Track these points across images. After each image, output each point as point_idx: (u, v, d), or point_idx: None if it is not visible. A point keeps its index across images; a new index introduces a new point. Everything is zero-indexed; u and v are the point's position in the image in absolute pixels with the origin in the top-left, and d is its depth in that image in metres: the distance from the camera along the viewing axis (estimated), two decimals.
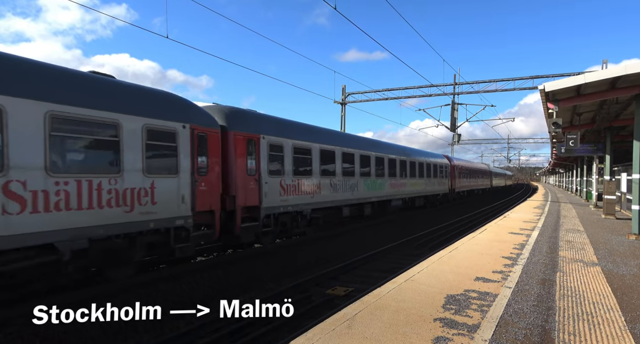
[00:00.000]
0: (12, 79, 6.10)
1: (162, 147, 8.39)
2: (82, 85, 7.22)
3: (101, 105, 7.18)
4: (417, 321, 4.41)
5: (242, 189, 10.42)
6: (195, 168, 8.97)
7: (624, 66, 9.38)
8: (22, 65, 6.45)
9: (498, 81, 27.40)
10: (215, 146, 9.59)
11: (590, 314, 4.74)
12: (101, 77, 7.81)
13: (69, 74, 7.21)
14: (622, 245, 9.57)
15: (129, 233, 7.70)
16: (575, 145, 14.77)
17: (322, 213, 14.37)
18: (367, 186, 18.08)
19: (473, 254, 8.18)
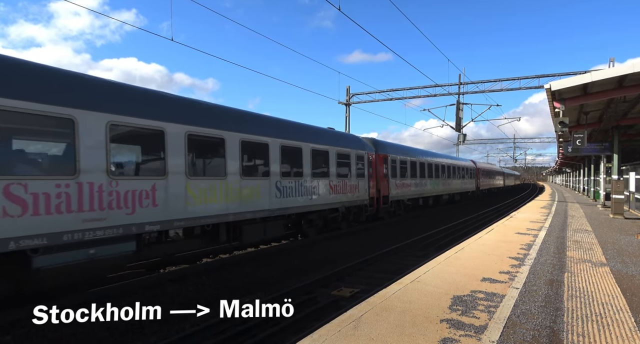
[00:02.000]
0: (81, 94, 7.08)
1: (353, 163, 16.11)
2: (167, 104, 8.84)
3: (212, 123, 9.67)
4: (424, 322, 4.38)
5: (382, 186, 18.49)
6: (368, 174, 17.05)
7: (631, 64, 9.29)
8: (89, 82, 7.55)
9: (503, 81, 27.25)
10: (374, 162, 17.79)
11: (600, 315, 4.68)
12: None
13: (143, 92, 8.61)
14: (631, 245, 9.46)
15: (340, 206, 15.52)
16: (582, 144, 14.64)
17: (411, 202, 22.83)
18: (431, 185, 28.55)
19: (479, 255, 8.12)
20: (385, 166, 18.78)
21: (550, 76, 25.24)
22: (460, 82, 28.57)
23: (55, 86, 6.77)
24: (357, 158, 16.32)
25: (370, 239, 15.15)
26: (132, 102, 7.94)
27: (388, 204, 18.89)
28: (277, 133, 11.87)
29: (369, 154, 17.22)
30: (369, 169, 17.01)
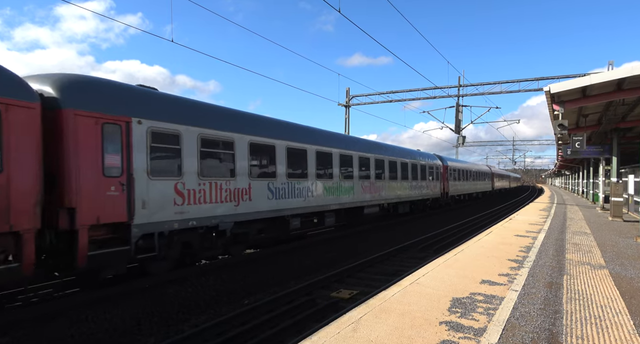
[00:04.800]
0: (183, 113, 9.10)
1: (434, 171, 25.85)
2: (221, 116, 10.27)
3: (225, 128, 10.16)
4: (423, 324, 4.38)
5: (445, 186, 27.65)
6: (440, 178, 26.50)
7: (630, 67, 9.33)
8: (189, 104, 9.69)
9: (503, 83, 27.30)
10: (443, 170, 27.47)
11: (598, 318, 4.69)
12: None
13: (215, 109, 10.41)
14: (630, 248, 9.47)
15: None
16: (582, 147, 14.66)
17: (459, 197, 33.52)
18: (468, 186, 35.97)
19: (479, 257, 8.13)
20: (447, 173, 28.87)
21: (550, 79, 25.30)
22: (459, 84, 28.63)
23: (181, 111, 9.13)
24: (436, 168, 26.76)
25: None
26: (214, 119, 9.90)
27: (448, 198, 29.44)
28: (400, 155, 21.33)
29: (441, 165, 27.72)
30: (440, 175, 27.27)
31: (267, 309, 7.37)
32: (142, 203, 7.89)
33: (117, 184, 7.51)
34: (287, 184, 12.12)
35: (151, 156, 8.13)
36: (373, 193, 17.71)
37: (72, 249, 6.84)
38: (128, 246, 7.61)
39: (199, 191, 9.16)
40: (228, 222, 9.97)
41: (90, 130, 7.12)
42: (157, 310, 7.35)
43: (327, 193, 14.21)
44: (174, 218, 8.56)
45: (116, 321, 6.78)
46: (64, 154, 6.83)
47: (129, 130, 7.74)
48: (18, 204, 6.14)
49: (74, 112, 6.93)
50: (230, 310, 7.42)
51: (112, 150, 7.47)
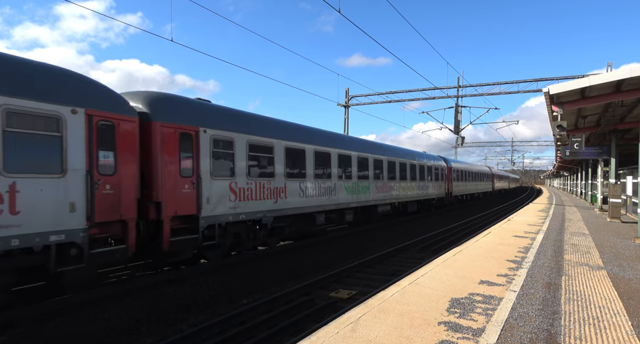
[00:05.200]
0: (235, 122, 10.57)
1: (439, 173, 27.79)
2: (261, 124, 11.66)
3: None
4: (422, 324, 4.39)
5: (449, 186, 29.44)
6: (445, 179, 28.49)
7: (629, 69, 9.34)
8: (239, 114, 11.19)
9: (502, 84, 27.34)
10: (447, 171, 28.87)
11: (597, 319, 4.70)
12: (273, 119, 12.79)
13: (258, 117, 11.91)
14: (628, 249, 9.50)
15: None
16: (580, 148, 14.69)
17: (462, 196, 34.91)
18: (470, 186, 36.88)
19: (477, 258, 8.14)
20: (451, 174, 30.24)
21: (549, 80, 25.36)
22: (459, 85, 28.67)
23: (232, 120, 10.65)
24: (441, 169, 28.02)
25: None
26: (258, 127, 11.33)
27: (452, 197, 30.83)
28: (410, 157, 22.59)
29: (445, 167, 29.07)
30: (444, 176, 28.58)
31: (265, 309, 7.37)
32: (206, 199, 9.43)
33: (190, 183, 9.03)
34: (315, 184, 13.53)
35: (213, 160, 9.62)
36: (385, 193, 18.96)
37: (159, 236, 8.35)
38: (197, 235, 9.13)
39: (247, 189, 10.65)
40: (269, 217, 11.48)
41: (171, 138, 8.69)
42: (155, 310, 7.34)
43: (347, 192, 15.57)
44: (229, 212, 10.08)
45: (115, 320, 6.77)
46: (153, 158, 8.36)
47: (197, 138, 9.28)
48: (125, 199, 7.65)
49: (160, 124, 8.49)
50: (229, 310, 7.42)
51: (185, 154, 9.01)
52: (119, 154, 7.56)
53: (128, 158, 7.73)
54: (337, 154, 14.82)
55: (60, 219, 6.56)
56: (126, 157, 7.69)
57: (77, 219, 6.80)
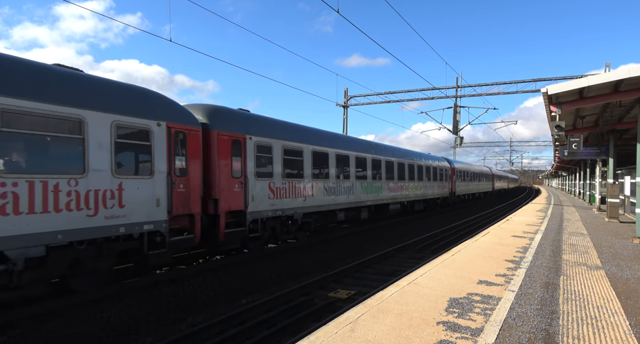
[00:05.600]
0: (273, 129, 11.93)
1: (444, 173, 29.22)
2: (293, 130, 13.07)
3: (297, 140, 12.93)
4: (420, 324, 4.40)
5: (453, 186, 30.90)
6: (449, 179, 30.10)
7: (627, 69, 9.37)
8: (275, 122, 12.58)
9: (500, 84, 27.38)
10: (451, 172, 30.46)
11: (595, 318, 4.71)
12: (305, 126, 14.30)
13: (290, 125, 13.30)
14: (626, 249, 9.52)
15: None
16: (578, 148, 14.74)
17: (464, 196, 35.91)
18: (472, 186, 37.87)
19: (476, 258, 8.16)
20: (454, 175, 31.44)
21: (547, 80, 25.41)
22: (457, 85, 28.71)
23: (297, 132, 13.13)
24: (445, 170, 29.22)
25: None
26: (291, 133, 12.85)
27: (455, 197, 32.13)
28: (417, 158, 23.82)
29: (449, 167, 30.24)
30: (448, 177, 29.80)
31: (264, 309, 7.37)
32: (252, 197, 10.85)
33: (239, 183, 10.44)
34: (336, 184, 14.98)
35: (256, 162, 11.00)
36: (396, 192, 20.39)
37: (215, 228, 9.81)
38: (244, 228, 10.58)
39: (282, 188, 12.04)
40: (299, 213, 12.90)
41: (225, 145, 10.09)
42: (154, 310, 7.34)
43: (363, 192, 16.94)
44: (268, 208, 11.50)
45: (114, 320, 6.77)
46: (212, 162, 9.80)
47: (245, 144, 10.67)
48: (193, 196, 9.12)
49: (217, 133, 9.91)
50: (228, 310, 7.42)
51: (236, 158, 10.39)
52: (188, 159, 9.01)
53: (195, 162, 9.19)
54: (354, 157, 16.27)
55: (150, 212, 8.04)
56: (194, 161, 9.15)
57: (161, 212, 8.27)
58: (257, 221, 11.13)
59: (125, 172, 7.67)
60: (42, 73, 6.67)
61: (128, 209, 7.58)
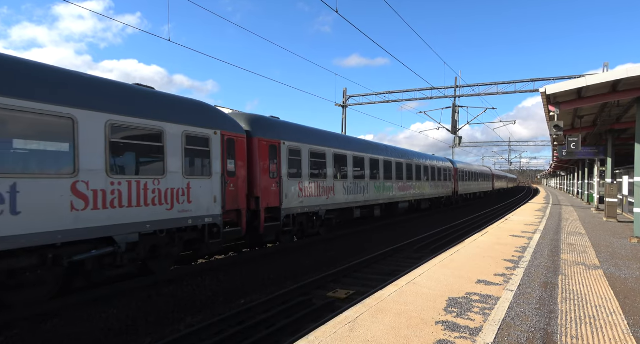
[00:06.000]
0: (302, 135, 13.44)
1: (448, 173, 30.64)
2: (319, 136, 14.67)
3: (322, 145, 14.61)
4: (419, 324, 4.40)
5: (456, 185, 32.50)
6: (452, 179, 31.64)
7: (625, 69, 9.38)
8: (303, 128, 14.12)
9: (499, 84, 27.39)
10: (454, 172, 32.31)
11: (593, 318, 4.72)
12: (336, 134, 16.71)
13: (315, 130, 14.86)
14: (624, 248, 9.54)
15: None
16: (577, 148, 14.76)
17: (466, 195, 37.00)
18: (473, 186, 39.05)
19: (475, 257, 8.16)
20: (457, 175, 32.81)
21: (545, 80, 25.43)
22: (456, 85, 28.71)
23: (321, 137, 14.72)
24: (449, 170, 30.59)
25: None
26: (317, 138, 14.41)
27: (458, 196, 33.26)
28: (424, 159, 25.28)
29: (452, 168, 31.68)
30: (451, 177, 31.08)
31: (263, 309, 7.37)
32: (285, 195, 12.22)
33: (275, 183, 11.84)
34: (353, 184, 16.34)
35: (288, 165, 12.35)
36: (405, 192, 21.77)
37: (256, 222, 11.21)
38: (279, 222, 11.94)
39: (309, 187, 13.44)
40: (323, 210, 14.30)
41: (264, 149, 11.52)
42: (153, 310, 7.33)
43: (376, 191, 18.36)
44: (298, 205, 12.91)
45: (112, 320, 6.76)
46: (254, 164, 11.20)
47: (279, 148, 12.08)
48: (240, 194, 10.56)
49: (258, 139, 11.34)
50: (227, 310, 7.41)
51: (272, 161, 11.79)
52: (237, 162, 10.38)
53: (241, 164, 10.58)
54: (369, 158, 17.74)
55: (210, 207, 9.44)
56: (241, 164, 10.55)
57: (217, 208, 9.66)
58: (289, 217, 12.54)
59: (192, 173, 9.12)
60: (145, 96, 8.38)
61: (194, 205, 9.02)
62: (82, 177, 6.83)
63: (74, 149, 6.76)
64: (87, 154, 6.94)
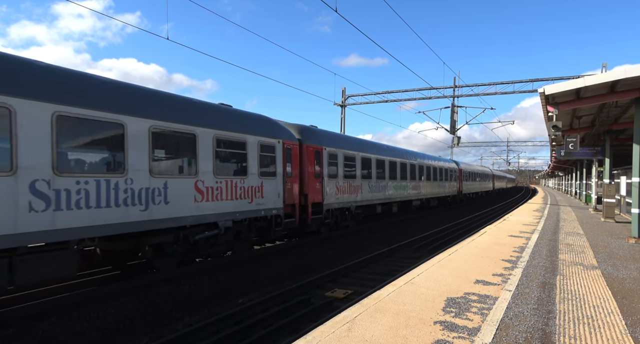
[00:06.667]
0: (338, 141, 15.88)
1: (453, 174, 33.07)
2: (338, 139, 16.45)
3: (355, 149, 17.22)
4: (417, 324, 4.39)
5: (460, 185, 35.18)
6: (457, 179, 34.12)
7: (623, 70, 9.39)
8: (338, 135, 17.02)
9: (498, 84, 27.42)
10: (458, 172, 34.07)
11: (591, 318, 4.72)
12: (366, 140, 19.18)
13: (347, 137, 17.99)
14: (622, 248, 9.56)
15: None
16: (575, 148, 14.78)
17: (470, 194, 39.94)
18: (474, 187, 40.89)
19: (473, 257, 8.16)
20: (461, 175, 35.40)
21: (544, 80, 25.46)
22: (455, 85, 28.72)
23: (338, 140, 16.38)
24: (454, 171, 33.12)
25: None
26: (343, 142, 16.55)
27: (462, 195, 35.77)
28: (432, 161, 27.75)
29: (457, 169, 34.03)
30: (456, 177, 33.61)
31: (261, 308, 7.35)
32: (326, 192, 14.58)
33: (318, 182, 14.18)
34: (376, 183, 18.69)
35: (328, 167, 14.72)
36: (417, 191, 24.13)
37: (305, 214, 13.49)
38: (321, 215, 14.32)
39: (343, 186, 15.70)
40: (353, 206, 16.72)
41: (311, 154, 13.87)
42: (151, 309, 7.30)
43: (394, 190, 20.75)
44: (334, 202, 15.27)
45: (109, 320, 6.73)
46: (303, 167, 13.50)
47: (322, 153, 14.50)
48: (295, 191, 12.93)
49: (306, 146, 13.67)
50: (225, 310, 7.39)
51: (317, 164, 14.16)
52: (292, 165, 12.71)
53: (295, 167, 12.92)
54: (388, 161, 20.11)
55: (275, 201, 11.75)
56: (294, 167, 12.86)
57: (280, 202, 11.99)
58: (328, 211, 14.82)
59: (264, 174, 11.30)
60: (236, 115, 10.81)
61: (265, 199, 11.29)
62: (200, 177, 9.22)
63: (196, 158, 9.15)
64: (203, 160, 9.30)
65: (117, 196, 7.33)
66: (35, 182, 6.14)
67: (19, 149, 6.03)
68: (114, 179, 7.30)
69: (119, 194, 7.35)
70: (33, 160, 6.16)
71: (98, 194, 6.98)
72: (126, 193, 7.49)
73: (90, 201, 6.85)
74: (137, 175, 7.71)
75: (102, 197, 7.05)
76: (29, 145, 6.15)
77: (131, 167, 7.61)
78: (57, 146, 6.48)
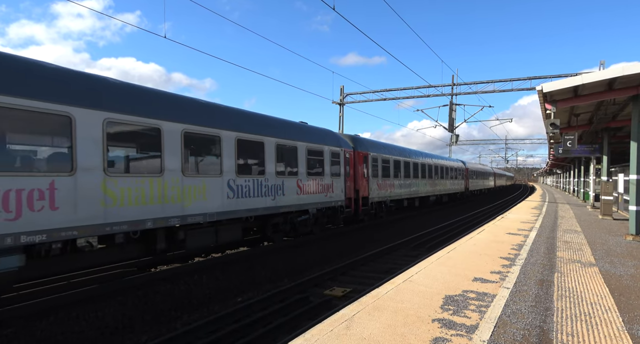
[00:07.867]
0: (374, 147, 19.40)
1: (461, 172, 36.80)
2: (377, 145, 19.97)
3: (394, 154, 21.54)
4: (416, 322, 4.40)
5: (468, 183, 39.14)
6: (464, 177, 37.95)
7: (621, 67, 9.40)
8: (378, 143, 20.90)
9: (496, 82, 27.42)
10: (465, 171, 37.92)
11: (588, 315, 4.74)
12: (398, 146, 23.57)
13: (383, 144, 21.53)
14: (620, 246, 9.60)
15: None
16: (573, 146, 14.80)
17: (476, 191, 44.95)
18: (479, 185, 44.27)
19: (471, 255, 8.18)
20: (468, 173, 38.82)
21: (542, 78, 25.47)
22: (453, 83, 28.71)
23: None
24: (462, 170, 36.47)
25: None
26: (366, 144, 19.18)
27: (468, 192, 39.59)
28: (444, 161, 31.50)
29: (464, 168, 37.86)
30: (463, 175, 36.94)
31: (260, 307, 7.36)
32: (371, 189, 17.74)
33: (365, 180, 17.30)
34: (403, 181, 22.18)
35: (371, 168, 17.89)
36: (432, 188, 27.49)
37: (357, 206, 16.58)
38: (368, 207, 17.53)
39: (381, 184, 19.03)
40: (388, 200, 20.11)
41: (361, 158, 17.04)
42: (149, 308, 7.31)
43: (416, 187, 24.19)
44: (376, 196, 18.49)
45: (108, 319, 6.73)
46: (355, 168, 16.48)
47: (368, 157, 17.73)
48: (351, 188, 15.99)
49: (357, 152, 16.83)
50: (223, 308, 7.40)
51: (364, 166, 17.25)
52: (349, 167, 15.86)
53: (351, 168, 16.03)
54: (412, 162, 23.53)
55: (339, 195, 15.03)
56: (350, 168, 16.02)
57: (342, 196, 15.21)
58: (372, 204, 17.88)
59: (333, 174, 14.64)
60: (317, 132, 14.50)
61: (334, 193, 14.64)
62: (299, 177, 12.64)
63: (297, 163, 12.64)
64: (300, 164, 12.71)
65: (261, 189, 10.98)
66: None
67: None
68: (259, 179, 10.89)
69: (262, 189, 11.01)
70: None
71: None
72: (266, 188, 11.15)
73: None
74: (270, 176, 11.31)
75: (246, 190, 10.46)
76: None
77: (267, 170, 11.18)
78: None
